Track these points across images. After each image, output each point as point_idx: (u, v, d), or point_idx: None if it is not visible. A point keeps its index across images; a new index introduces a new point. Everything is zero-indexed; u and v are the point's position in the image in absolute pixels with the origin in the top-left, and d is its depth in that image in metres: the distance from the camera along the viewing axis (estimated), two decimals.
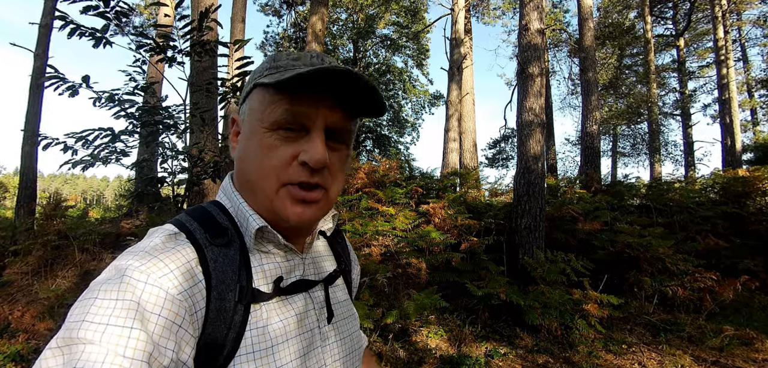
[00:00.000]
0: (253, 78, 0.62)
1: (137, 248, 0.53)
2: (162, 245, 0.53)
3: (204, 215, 0.61)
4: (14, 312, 4.11)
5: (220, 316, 0.53)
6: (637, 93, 18.11)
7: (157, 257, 0.51)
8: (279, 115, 0.56)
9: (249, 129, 0.60)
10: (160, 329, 0.46)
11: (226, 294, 0.54)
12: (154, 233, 0.57)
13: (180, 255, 0.53)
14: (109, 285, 0.47)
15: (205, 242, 0.56)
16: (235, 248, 0.58)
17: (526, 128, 5.13)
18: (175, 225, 0.58)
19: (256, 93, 0.60)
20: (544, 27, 5.30)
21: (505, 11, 18.10)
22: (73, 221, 6.46)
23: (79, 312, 0.45)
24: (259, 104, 0.59)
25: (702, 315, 4.55)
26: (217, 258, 0.56)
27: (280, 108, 0.56)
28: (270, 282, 0.61)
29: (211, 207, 0.63)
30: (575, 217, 5.68)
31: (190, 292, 0.51)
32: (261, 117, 0.58)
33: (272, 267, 0.62)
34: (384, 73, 21.69)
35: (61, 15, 3.18)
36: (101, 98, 3.53)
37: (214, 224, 0.59)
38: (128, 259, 0.50)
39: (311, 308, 0.66)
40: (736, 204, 6.52)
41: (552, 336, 3.95)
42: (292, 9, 20.12)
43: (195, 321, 0.51)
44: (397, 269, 4.46)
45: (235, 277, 0.56)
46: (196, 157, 3.88)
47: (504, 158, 20.68)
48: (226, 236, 0.59)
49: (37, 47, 7.37)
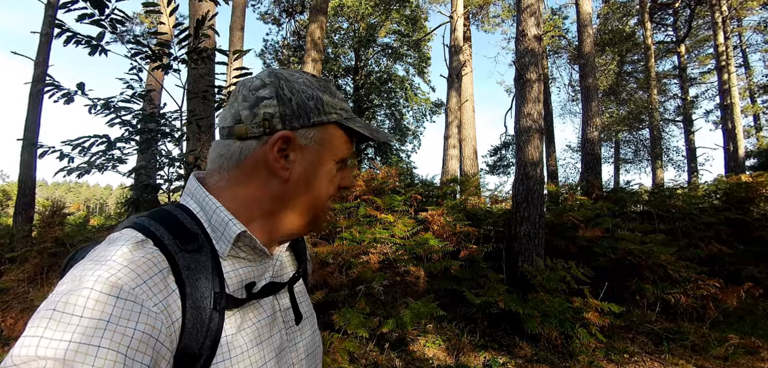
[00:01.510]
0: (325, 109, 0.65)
1: (101, 257, 0.49)
2: (129, 253, 0.49)
3: (170, 219, 0.57)
4: (7, 320, 4.09)
5: (197, 325, 0.51)
6: (638, 99, 18.09)
7: (126, 266, 0.47)
8: (347, 153, 0.69)
9: (318, 158, 0.65)
10: (136, 343, 0.43)
11: (202, 302, 0.52)
12: (116, 239, 0.53)
13: (151, 263, 0.50)
14: (72, 298, 0.43)
15: (175, 249, 0.53)
16: (205, 253, 0.56)
17: (524, 134, 5.09)
18: (139, 230, 0.54)
19: (335, 129, 0.67)
20: (541, 33, 5.29)
21: (504, 19, 18.16)
22: (72, 229, 6.45)
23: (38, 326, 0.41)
24: (339, 141, 0.67)
25: (705, 323, 4.48)
26: (189, 265, 0.53)
27: (349, 149, 0.69)
28: (242, 287, 0.59)
29: (177, 211, 0.59)
30: (576, 224, 5.62)
31: (165, 303, 0.48)
32: (335, 152, 0.67)
33: (244, 272, 0.61)
34: (385, 81, 21.78)
35: (60, 23, 3.18)
36: (96, 105, 3.53)
37: (182, 230, 0.56)
38: (93, 268, 0.46)
39: (278, 310, 0.66)
40: (740, 210, 6.45)
41: (552, 345, 3.88)
42: (292, 17, 20.26)
43: (172, 333, 0.48)
44: (396, 277, 4.41)
45: (208, 284, 0.54)
46: (192, 164, 3.87)
47: (504, 165, 20.67)
48: (196, 241, 0.56)
49: (38, 56, 7.41)
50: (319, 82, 0.66)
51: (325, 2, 9.62)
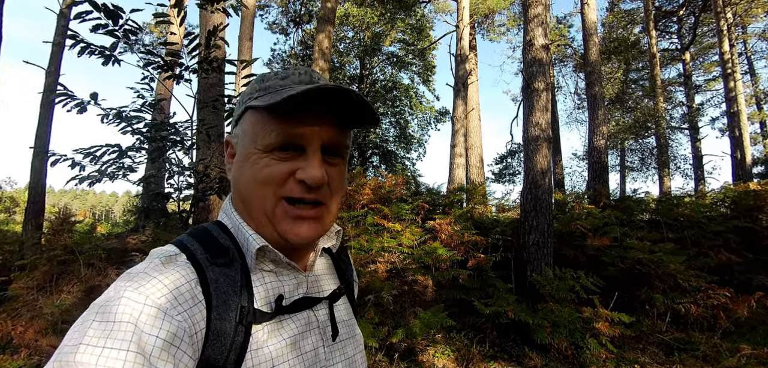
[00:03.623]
0: (243, 100, 0.62)
1: (136, 270, 0.53)
2: (161, 265, 0.53)
3: (205, 235, 0.60)
4: (17, 328, 4.10)
5: (220, 337, 0.52)
6: (644, 107, 18.02)
7: (155, 278, 0.51)
8: (273, 138, 0.57)
9: (243, 151, 0.60)
10: (157, 350, 0.46)
11: (227, 315, 0.53)
12: (154, 254, 0.57)
13: (179, 275, 0.52)
14: (107, 307, 0.47)
15: (205, 262, 0.55)
16: (236, 268, 0.58)
17: (532, 144, 5.09)
18: (176, 246, 0.58)
19: (248, 116, 0.60)
20: (548, 42, 5.30)
21: (510, 28, 18.21)
22: (81, 236, 6.49)
23: (77, 334, 0.45)
24: (252, 127, 0.59)
25: (717, 333, 4.43)
26: (217, 278, 0.55)
27: (274, 131, 0.57)
28: (272, 301, 0.60)
29: (213, 227, 0.63)
30: (584, 233, 5.59)
31: (189, 312, 0.50)
32: (254, 140, 0.58)
33: (274, 286, 0.61)
34: (390, 89, 21.84)
35: (73, 34, 3.24)
36: (109, 114, 3.57)
37: (214, 244, 0.59)
38: (126, 280, 0.50)
39: (314, 326, 0.65)
40: (749, 219, 6.39)
41: (562, 356, 3.85)
42: (299, 27, 20.43)
43: (194, 342, 0.50)
44: (403, 286, 4.40)
45: (236, 297, 0.55)
46: (202, 173, 3.90)
47: (511, 174, 20.60)
48: (227, 255, 0.58)
49: (50, 65, 7.52)
50: (259, 78, 0.63)
51: (332, 12, 9.71)
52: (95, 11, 3.05)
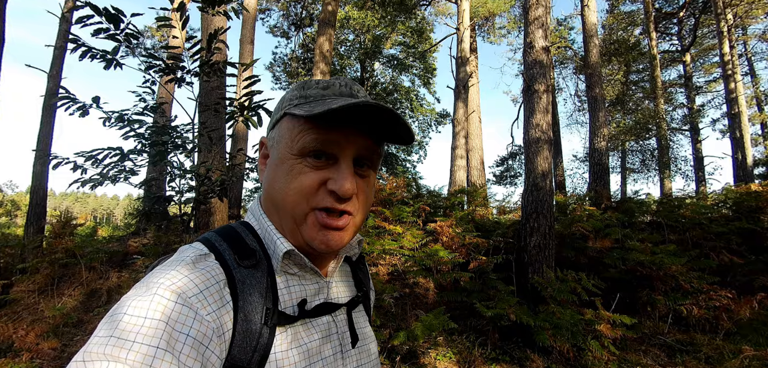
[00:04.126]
0: (282, 106, 0.63)
1: (167, 267, 0.53)
2: (192, 264, 0.54)
3: (233, 235, 0.61)
4: (18, 331, 4.10)
5: (247, 338, 0.53)
6: (644, 109, 18.02)
7: (186, 277, 0.51)
8: (308, 143, 0.58)
9: (278, 155, 0.61)
10: (187, 349, 0.46)
11: (253, 316, 0.54)
12: (184, 250, 0.58)
13: (209, 276, 0.53)
14: (140, 301, 0.47)
15: (233, 264, 0.57)
16: (262, 270, 0.59)
17: (533, 145, 5.09)
18: (205, 245, 0.59)
19: (286, 121, 0.61)
20: (548, 44, 5.31)
21: (510, 30, 18.26)
22: (82, 240, 6.50)
23: (109, 326, 0.45)
24: (289, 132, 0.60)
25: (719, 334, 4.41)
26: (244, 280, 0.56)
27: (310, 137, 0.57)
28: (295, 305, 0.61)
29: (240, 228, 0.64)
30: (585, 235, 5.58)
31: (218, 313, 0.51)
32: (290, 144, 0.59)
33: (298, 290, 0.62)
34: (391, 92, 21.87)
35: (74, 38, 3.25)
36: (111, 117, 3.58)
37: (242, 246, 0.60)
38: (159, 276, 0.51)
39: (334, 332, 0.66)
40: (750, 220, 6.37)
41: (564, 358, 3.84)
42: (300, 30, 20.47)
43: (222, 343, 0.51)
44: (405, 289, 4.40)
45: (261, 299, 0.56)
46: (204, 176, 3.90)
47: (512, 176, 20.59)
48: (253, 257, 0.59)
49: (52, 68, 7.54)
50: (302, 82, 0.64)
51: (333, 15, 9.73)
52: (97, 15, 3.06)
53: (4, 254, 6.22)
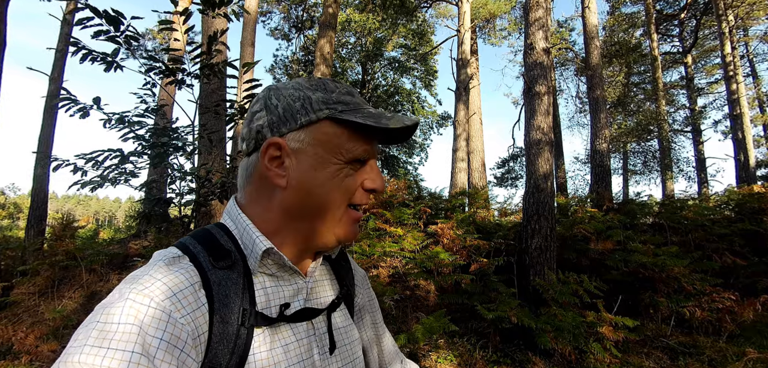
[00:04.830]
0: (316, 106, 0.61)
1: (141, 272, 0.53)
2: (165, 268, 0.54)
3: (207, 237, 0.61)
4: (18, 333, 4.10)
5: (223, 340, 0.53)
6: (646, 110, 17.99)
7: (159, 280, 0.51)
8: (361, 153, 0.62)
9: (316, 159, 0.61)
10: (161, 353, 0.46)
11: (229, 318, 0.54)
12: (157, 256, 0.57)
13: (183, 278, 0.53)
14: (112, 308, 0.47)
15: (207, 265, 0.56)
16: (238, 271, 0.58)
17: (534, 147, 5.08)
18: (179, 248, 0.58)
19: (329, 126, 0.61)
20: (549, 46, 5.30)
21: (511, 32, 18.26)
22: (83, 242, 6.51)
23: (83, 336, 0.45)
24: (337, 138, 0.61)
25: (722, 337, 4.38)
26: (220, 281, 0.55)
27: (362, 147, 0.62)
28: (273, 306, 0.60)
29: (215, 230, 0.63)
30: (587, 237, 5.56)
31: (192, 315, 0.51)
32: (337, 151, 0.61)
33: (275, 290, 0.62)
34: (392, 94, 21.90)
35: (75, 41, 3.25)
36: (111, 119, 3.58)
37: (217, 247, 0.59)
38: (131, 283, 0.51)
39: (312, 335, 0.64)
40: (753, 221, 6.34)
41: (566, 361, 3.82)
42: (301, 33, 20.52)
43: (198, 345, 0.51)
44: (406, 291, 4.38)
45: (238, 300, 0.55)
46: (204, 178, 3.90)
47: (513, 177, 20.56)
48: (229, 258, 0.58)
49: (53, 71, 7.56)
50: (311, 82, 0.64)
51: (333, 18, 9.74)
52: (97, 18, 3.07)
53: (5, 257, 6.22)
